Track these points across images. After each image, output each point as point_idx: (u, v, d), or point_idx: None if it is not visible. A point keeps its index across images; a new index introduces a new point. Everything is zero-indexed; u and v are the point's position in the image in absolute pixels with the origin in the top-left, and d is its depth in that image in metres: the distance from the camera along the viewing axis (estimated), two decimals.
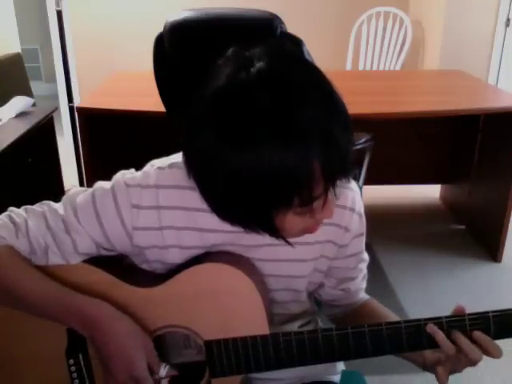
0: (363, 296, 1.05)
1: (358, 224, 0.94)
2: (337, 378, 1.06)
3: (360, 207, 0.94)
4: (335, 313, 1.06)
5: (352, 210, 0.92)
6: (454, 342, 0.80)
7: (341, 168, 0.70)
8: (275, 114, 0.65)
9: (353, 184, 0.92)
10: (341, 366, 1.09)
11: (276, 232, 0.76)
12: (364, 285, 1.04)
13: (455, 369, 0.82)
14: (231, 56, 0.73)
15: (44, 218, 0.85)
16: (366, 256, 1.01)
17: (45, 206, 0.87)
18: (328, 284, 1.01)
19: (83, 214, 0.84)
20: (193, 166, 0.74)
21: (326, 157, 0.67)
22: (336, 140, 0.67)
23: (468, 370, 0.83)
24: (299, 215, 0.74)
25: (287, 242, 0.80)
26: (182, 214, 0.85)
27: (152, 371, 0.83)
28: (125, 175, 0.87)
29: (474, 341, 0.80)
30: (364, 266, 1.02)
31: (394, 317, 0.96)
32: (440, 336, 0.80)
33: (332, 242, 0.93)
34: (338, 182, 0.71)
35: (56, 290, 0.82)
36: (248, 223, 0.77)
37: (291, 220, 0.74)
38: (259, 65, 0.68)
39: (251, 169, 0.66)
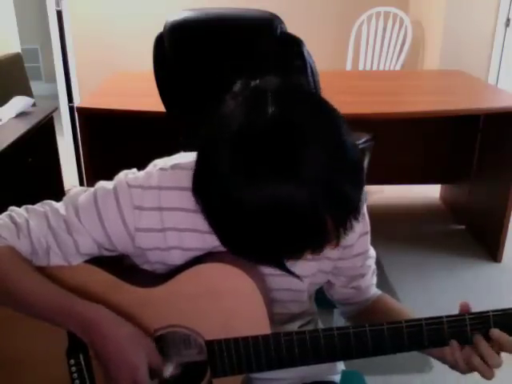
0: (375, 292, 1.05)
1: (361, 223, 0.94)
2: (337, 377, 1.06)
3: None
4: (349, 311, 1.06)
5: None
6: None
7: (352, 216, 0.70)
8: (281, 161, 0.65)
9: None
10: (341, 365, 1.09)
11: (285, 268, 0.77)
12: (374, 280, 1.05)
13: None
14: (241, 91, 0.71)
15: (45, 218, 0.85)
16: (372, 252, 1.02)
17: (46, 206, 0.87)
18: (338, 284, 1.01)
19: (85, 214, 0.84)
20: (206, 203, 0.73)
21: (334, 211, 0.66)
22: (345, 195, 0.67)
23: None
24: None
25: (296, 276, 0.81)
26: (184, 215, 0.85)
27: (156, 372, 0.83)
28: (127, 175, 0.87)
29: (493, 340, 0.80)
30: (372, 262, 1.02)
31: (407, 311, 0.96)
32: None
33: None
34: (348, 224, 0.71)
35: (56, 293, 0.82)
36: (258, 262, 0.78)
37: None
38: (272, 110, 0.67)
39: (263, 218, 0.66)
